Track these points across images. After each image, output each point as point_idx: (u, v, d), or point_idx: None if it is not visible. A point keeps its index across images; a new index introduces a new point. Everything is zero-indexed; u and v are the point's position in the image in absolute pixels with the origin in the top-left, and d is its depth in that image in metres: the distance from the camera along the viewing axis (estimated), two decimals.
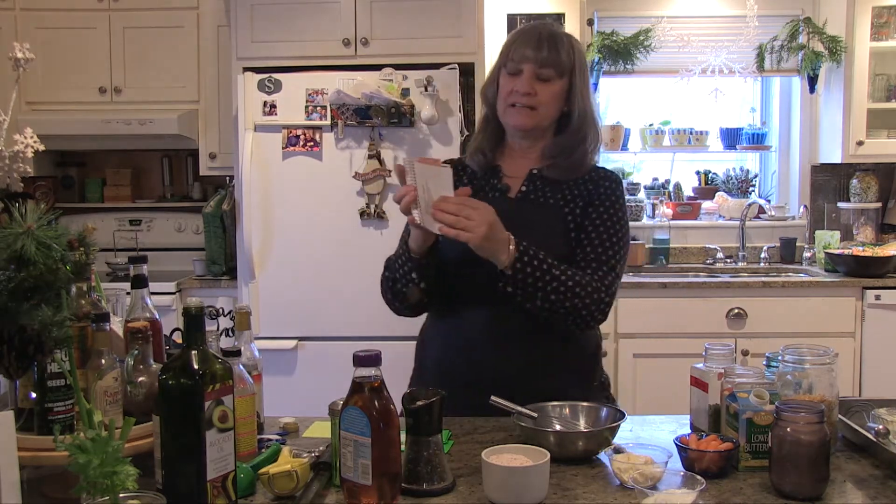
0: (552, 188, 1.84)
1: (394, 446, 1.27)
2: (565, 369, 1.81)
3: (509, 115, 1.82)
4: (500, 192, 1.86)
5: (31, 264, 1.20)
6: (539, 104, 1.79)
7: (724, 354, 1.61)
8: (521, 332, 1.77)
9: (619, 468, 1.37)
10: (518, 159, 1.89)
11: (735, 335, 3.65)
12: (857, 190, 4.27)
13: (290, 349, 3.54)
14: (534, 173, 1.87)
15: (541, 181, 1.86)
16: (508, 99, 1.80)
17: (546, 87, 1.79)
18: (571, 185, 1.85)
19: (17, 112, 3.79)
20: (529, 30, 1.84)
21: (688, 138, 4.41)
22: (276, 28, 3.62)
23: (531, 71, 1.78)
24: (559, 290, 1.68)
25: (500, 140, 1.91)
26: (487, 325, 1.78)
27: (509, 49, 1.82)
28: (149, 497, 1.13)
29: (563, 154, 1.84)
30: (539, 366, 1.78)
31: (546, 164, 1.86)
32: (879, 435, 1.49)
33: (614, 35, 4.15)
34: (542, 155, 1.87)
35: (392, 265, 1.82)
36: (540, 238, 1.76)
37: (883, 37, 4.04)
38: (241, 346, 1.56)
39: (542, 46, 1.78)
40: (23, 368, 1.26)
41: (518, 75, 1.79)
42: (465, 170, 1.93)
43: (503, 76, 1.83)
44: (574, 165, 1.84)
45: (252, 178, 3.49)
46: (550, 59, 1.78)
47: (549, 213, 1.82)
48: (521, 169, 1.88)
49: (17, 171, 1.47)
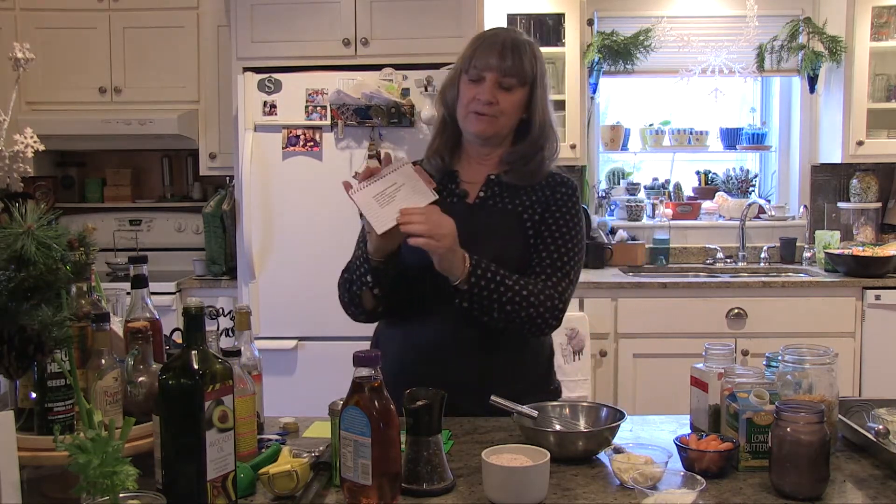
0: (510, 193, 1.85)
1: (394, 446, 1.27)
2: (522, 377, 1.83)
3: (470, 122, 1.80)
4: (458, 198, 1.85)
5: (31, 264, 1.20)
6: (500, 113, 1.78)
7: (724, 354, 1.62)
8: (477, 340, 1.77)
9: (619, 468, 1.37)
10: (475, 165, 1.88)
11: (735, 335, 3.65)
12: (857, 190, 4.27)
13: (290, 349, 3.54)
14: (491, 179, 1.86)
15: (498, 187, 1.86)
16: (470, 106, 1.79)
17: (508, 95, 1.78)
18: (529, 191, 1.85)
19: (17, 112, 3.78)
20: (492, 37, 1.81)
21: (688, 138, 4.41)
22: (276, 28, 3.62)
23: (494, 79, 1.77)
24: (514, 300, 1.70)
25: (457, 144, 1.90)
26: (445, 333, 1.77)
27: (472, 55, 1.79)
28: (149, 497, 1.13)
29: (520, 161, 1.84)
30: (496, 374, 1.79)
31: (503, 171, 1.86)
32: (879, 435, 1.49)
33: (614, 35, 4.14)
34: (500, 161, 1.87)
35: (351, 266, 1.81)
36: (499, 244, 1.78)
37: (883, 37, 4.04)
38: (241, 346, 1.57)
39: (507, 55, 1.76)
40: (23, 368, 1.26)
41: (480, 83, 1.77)
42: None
43: (464, 82, 1.81)
44: (531, 172, 1.84)
45: (252, 178, 3.49)
46: (514, 69, 1.77)
47: (508, 218, 1.83)
48: (479, 174, 1.87)
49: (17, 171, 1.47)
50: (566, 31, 4.04)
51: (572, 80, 4.05)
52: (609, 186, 4.52)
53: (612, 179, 4.56)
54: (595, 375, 3.70)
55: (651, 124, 4.47)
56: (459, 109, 1.82)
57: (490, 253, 1.74)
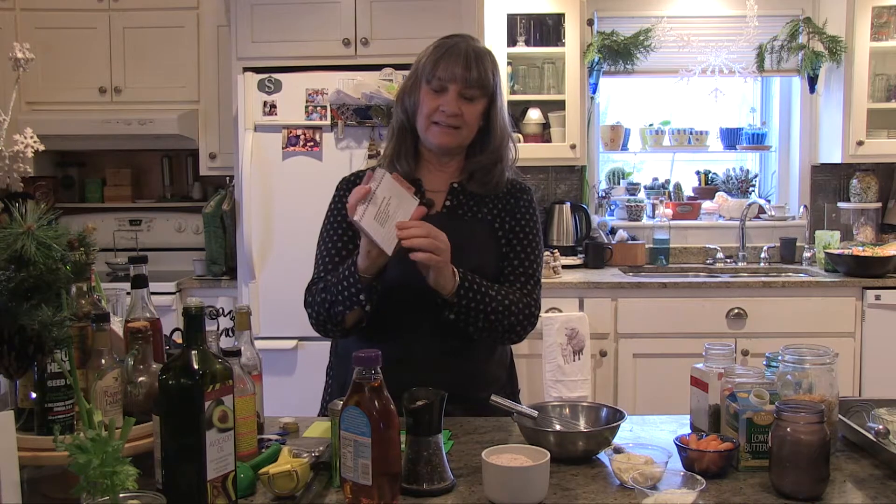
0: (476, 202, 1.85)
1: (394, 446, 1.27)
2: (493, 381, 1.85)
3: (432, 133, 1.79)
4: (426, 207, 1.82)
5: (31, 264, 1.20)
6: (463, 124, 1.78)
7: (724, 354, 1.62)
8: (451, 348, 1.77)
9: (619, 468, 1.37)
10: (435, 172, 1.87)
11: (735, 335, 3.65)
12: (857, 190, 4.27)
13: (290, 349, 3.54)
14: (455, 187, 1.86)
15: (463, 195, 1.85)
16: (433, 117, 1.77)
17: (471, 106, 1.77)
18: (493, 199, 1.86)
19: (17, 112, 3.79)
20: (453, 47, 1.78)
21: (688, 138, 4.41)
22: (276, 28, 3.62)
23: (457, 90, 1.75)
24: (497, 310, 1.73)
25: (415, 151, 1.87)
26: (421, 343, 1.77)
27: (435, 65, 1.76)
28: (149, 497, 1.13)
29: (481, 171, 1.84)
30: (469, 380, 1.80)
31: (464, 178, 1.86)
32: (879, 435, 1.49)
33: (614, 35, 4.14)
34: (460, 169, 1.87)
35: (331, 288, 1.73)
36: (478, 254, 1.79)
37: (883, 37, 4.04)
38: (241, 346, 1.56)
39: (471, 66, 1.75)
40: (23, 368, 1.26)
41: (442, 93, 1.76)
42: None
43: (425, 92, 1.78)
44: (495, 182, 1.85)
45: (252, 178, 3.49)
46: (478, 80, 1.76)
47: (481, 228, 1.83)
48: (441, 182, 1.87)
49: (17, 171, 1.47)
50: (566, 31, 4.04)
51: (572, 80, 4.05)
52: (609, 186, 4.52)
53: (612, 179, 4.56)
54: (595, 375, 3.70)
55: (651, 124, 4.47)
56: (420, 120, 1.80)
57: (470, 263, 1.74)
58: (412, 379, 1.64)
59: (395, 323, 1.78)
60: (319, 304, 1.77)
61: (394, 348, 1.73)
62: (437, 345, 1.77)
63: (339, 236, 1.85)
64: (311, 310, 1.81)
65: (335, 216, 1.88)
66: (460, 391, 1.69)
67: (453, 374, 1.76)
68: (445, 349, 1.77)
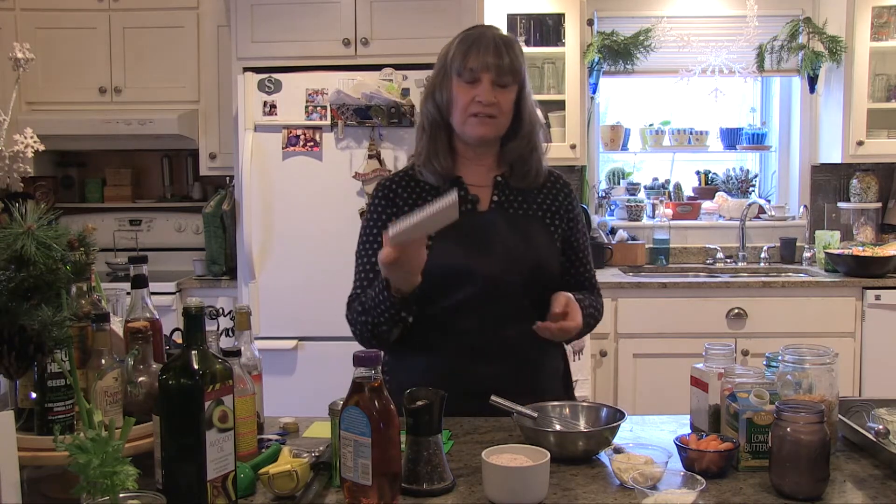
0: (522, 196, 1.85)
1: (394, 446, 1.27)
2: (553, 373, 1.88)
3: (470, 125, 1.77)
4: (471, 204, 1.82)
5: (31, 264, 1.20)
6: (499, 112, 1.77)
7: (724, 354, 1.62)
8: (508, 341, 1.77)
9: (619, 468, 1.37)
10: (474, 166, 1.86)
11: (735, 335, 3.65)
12: (857, 190, 4.27)
13: (290, 349, 3.54)
14: (499, 181, 1.86)
15: (508, 190, 1.85)
16: (469, 109, 1.76)
17: (505, 93, 1.77)
18: (537, 194, 1.87)
19: (17, 112, 3.79)
20: (480, 37, 1.77)
21: (688, 138, 4.41)
22: (276, 28, 3.62)
23: (490, 79, 1.74)
24: (590, 323, 1.85)
25: (450, 147, 1.85)
26: (477, 338, 1.76)
27: (465, 57, 1.75)
28: (149, 497, 1.13)
29: (519, 162, 1.84)
30: (529, 371, 1.80)
31: (505, 171, 1.86)
32: (879, 435, 1.49)
33: (614, 35, 4.14)
34: (497, 160, 1.87)
35: (370, 310, 1.73)
36: (538, 250, 1.80)
37: (883, 37, 4.04)
38: (241, 346, 1.56)
39: (502, 53, 1.74)
40: (23, 368, 1.26)
41: (476, 83, 1.75)
42: (420, 184, 1.85)
43: (458, 85, 1.76)
44: (535, 173, 1.85)
45: (252, 178, 3.49)
46: (510, 66, 1.75)
47: (534, 223, 1.84)
48: (481, 176, 1.85)
49: (17, 171, 1.47)
50: (566, 31, 4.04)
51: (572, 80, 4.05)
52: (609, 186, 4.52)
53: (612, 179, 4.56)
54: (595, 375, 3.70)
55: (651, 124, 4.47)
56: (456, 114, 1.78)
57: (532, 261, 1.77)
58: (474, 370, 1.72)
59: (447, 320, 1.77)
60: (362, 325, 1.77)
61: (451, 344, 1.78)
62: (492, 337, 1.77)
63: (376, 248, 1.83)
64: (354, 328, 1.82)
65: (372, 225, 1.86)
66: (521, 382, 1.73)
67: (512, 364, 1.77)
68: (500, 340, 1.77)
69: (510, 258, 1.76)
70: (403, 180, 1.86)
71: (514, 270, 1.76)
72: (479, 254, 1.76)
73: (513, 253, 1.77)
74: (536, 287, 1.78)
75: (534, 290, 1.78)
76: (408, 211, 1.74)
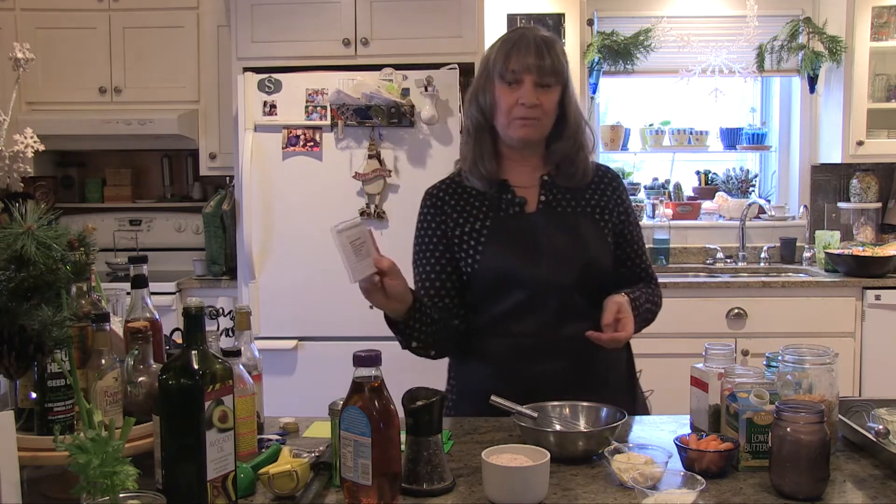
0: (571, 193, 1.84)
1: (394, 446, 1.27)
2: (616, 366, 1.89)
3: (515, 128, 1.77)
4: (518, 207, 1.82)
5: (31, 264, 1.20)
6: (543, 114, 1.77)
7: (724, 354, 1.62)
8: (567, 340, 1.76)
9: (619, 468, 1.37)
10: (520, 168, 1.85)
11: (735, 335, 3.65)
12: (857, 190, 4.27)
13: (290, 349, 3.54)
14: (546, 180, 1.85)
15: (556, 189, 1.84)
16: (513, 112, 1.76)
17: (548, 94, 1.76)
18: (584, 189, 1.85)
19: (17, 112, 3.79)
20: (521, 38, 1.77)
21: (688, 138, 4.41)
22: (276, 28, 3.62)
23: (533, 80, 1.74)
24: (647, 315, 1.89)
25: (495, 150, 1.84)
26: (535, 340, 1.77)
27: (507, 59, 1.75)
28: (149, 497, 1.13)
29: (566, 162, 1.83)
30: (590, 367, 1.80)
31: (552, 171, 1.85)
32: (879, 435, 1.49)
33: (614, 35, 4.15)
34: (543, 160, 1.86)
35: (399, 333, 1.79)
36: (589, 249, 1.79)
37: (883, 37, 4.04)
38: (241, 346, 1.57)
39: (543, 54, 1.74)
40: (23, 368, 1.26)
41: (518, 86, 1.75)
42: (467, 190, 1.85)
43: (500, 88, 1.76)
44: (583, 172, 1.84)
45: (252, 178, 3.49)
46: (552, 67, 1.75)
47: (584, 220, 1.82)
48: (528, 177, 1.85)
49: (17, 171, 1.47)
50: (566, 32, 4.04)
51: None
52: None
53: None
54: None
55: (651, 124, 4.47)
56: (500, 117, 1.78)
57: (583, 259, 1.77)
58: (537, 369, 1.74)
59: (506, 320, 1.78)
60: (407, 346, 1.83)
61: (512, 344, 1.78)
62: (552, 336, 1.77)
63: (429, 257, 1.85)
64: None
65: (422, 235, 1.87)
66: (584, 379, 1.74)
67: (575, 361, 1.77)
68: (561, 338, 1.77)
69: (559, 259, 1.76)
70: (450, 187, 1.87)
71: (564, 271, 1.76)
72: (527, 258, 1.76)
73: (562, 254, 1.77)
74: (590, 284, 1.79)
75: (588, 287, 1.79)
76: (456, 217, 1.81)
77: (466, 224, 1.81)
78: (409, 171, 3.45)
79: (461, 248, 1.81)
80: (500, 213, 1.81)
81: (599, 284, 1.79)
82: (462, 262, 1.81)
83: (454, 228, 1.82)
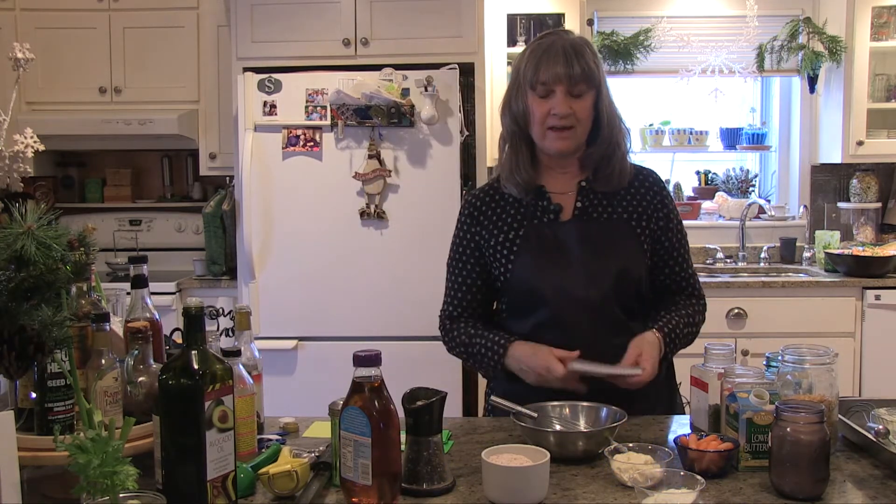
0: (607, 200, 1.81)
1: (394, 446, 1.27)
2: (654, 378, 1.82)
3: (549, 139, 1.75)
4: (553, 214, 1.80)
5: (31, 264, 1.20)
6: (577, 122, 1.74)
7: (724, 354, 1.61)
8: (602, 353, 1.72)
9: (619, 468, 1.37)
10: (557, 174, 1.83)
11: (735, 335, 3.65)
12: (857, 190, 4.27)
13: (290, 349, 3.54)
14: (584, 186, 1.82)
15: (593, 194, 1.81)
16: (547, 122, 1.74)
17: (580, 102, 1.74)
18: (622, 195, 1.82)
19: (17, 112, 3.79)
20: (550, 46, 1.74)
21: (688, 138, 4.41)
22: (276, 28, 3.62)
23: (564, 90, 1.72)
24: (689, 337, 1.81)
25: (532, 157, 1.82)
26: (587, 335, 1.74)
27: (536, 70, 1.72)
28: (149, 497, 1.13)
29: (602, 164, 1.80)
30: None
31: (590, 176, 1.82)
32: (879, 435, 1.49)
33: (614, 35, 4.15)
34: (582, 166, 1.83)
35: (475, 358, 1.80)
36: (621, 256, 1.76)
37: (883, 37, 4.04)
38: (241, 346, 1.57)
39: (572, 62, 1.71)
40: (23, 368, 1.26)
41: (550, 96, 1.72)
42: (504, 197, 1.84)
43: (532, 99, 1.74)
44: (620, 174, 1.81)
45: (252, 178, 3.49)
46: (582, 74, 1.72)
47: (619, 228, 1.79)
48: (565, 184, 1.83)
49: (17, 171, 1.47)
50: None
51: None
52: None
53: None
54: None
55: (651, 124, 4.47)
56: (535, 128, 1.77)
57: (615, 266, 1.74)
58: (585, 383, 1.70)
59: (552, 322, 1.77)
60: (462, 358, 1.87)
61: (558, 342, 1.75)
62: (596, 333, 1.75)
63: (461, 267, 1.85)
64: (452, 351, 1.89)
65: (459, 242, 1.87)
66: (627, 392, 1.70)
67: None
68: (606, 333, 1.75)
69: (587, 273, 1.73)
70: (488, 195, 1.86)
71: (593, 286, 1.73)
72: (553, 272, 1.74)
73: (590, 267, 1.74)
74: (625, 296, 1.76)
75: (623, 298, 1.76)
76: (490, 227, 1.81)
77: (500, 234, 1.80)
78: (409, 172, 3.45)
79: (495, 258, 1.81)
80: (533, 222, 1.79)
81: (636, 294, 1.78)
82: (495, 271, 1.81)
83: (489, 239, 1.81)
